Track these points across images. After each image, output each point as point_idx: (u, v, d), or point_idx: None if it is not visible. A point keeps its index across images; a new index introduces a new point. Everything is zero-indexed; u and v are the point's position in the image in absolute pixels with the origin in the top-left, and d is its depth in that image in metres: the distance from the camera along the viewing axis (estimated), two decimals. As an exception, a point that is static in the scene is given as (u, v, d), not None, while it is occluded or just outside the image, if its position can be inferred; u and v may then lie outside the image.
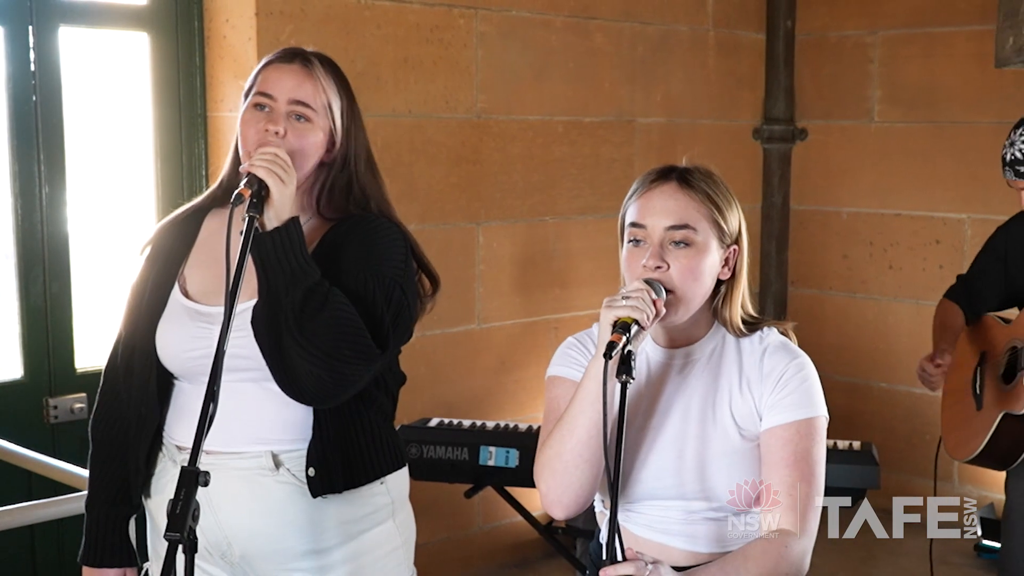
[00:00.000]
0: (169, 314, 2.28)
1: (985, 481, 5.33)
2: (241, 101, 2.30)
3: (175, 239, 2.36)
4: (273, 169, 2.08)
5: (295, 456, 2.22)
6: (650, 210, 2.11)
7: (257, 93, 2.25)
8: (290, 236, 2.10)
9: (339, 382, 2.12)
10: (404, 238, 2.30)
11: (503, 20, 4.87)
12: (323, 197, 2.31)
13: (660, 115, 5.53)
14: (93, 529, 2.36)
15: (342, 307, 2.11)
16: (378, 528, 2.31)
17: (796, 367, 2.11)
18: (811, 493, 2.04)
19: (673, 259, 2.07)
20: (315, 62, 2.27)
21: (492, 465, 3.70)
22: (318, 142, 2.25)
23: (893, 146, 5.71)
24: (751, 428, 2.10)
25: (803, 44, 5.96)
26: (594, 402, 2.00)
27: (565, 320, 5.24)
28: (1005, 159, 3.34)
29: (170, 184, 4.33)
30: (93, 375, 4.18)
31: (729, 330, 2.18)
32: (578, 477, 2.04)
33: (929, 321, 5.48)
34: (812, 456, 2.06)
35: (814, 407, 2.09)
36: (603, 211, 5.33)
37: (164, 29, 4.27)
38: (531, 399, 5.13)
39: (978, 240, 5.39)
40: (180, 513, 1.80)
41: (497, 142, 4.91)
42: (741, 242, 2.17)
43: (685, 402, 2.14)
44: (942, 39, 5.53)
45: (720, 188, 2.15)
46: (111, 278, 4.34)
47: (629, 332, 1.95)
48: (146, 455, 2.29)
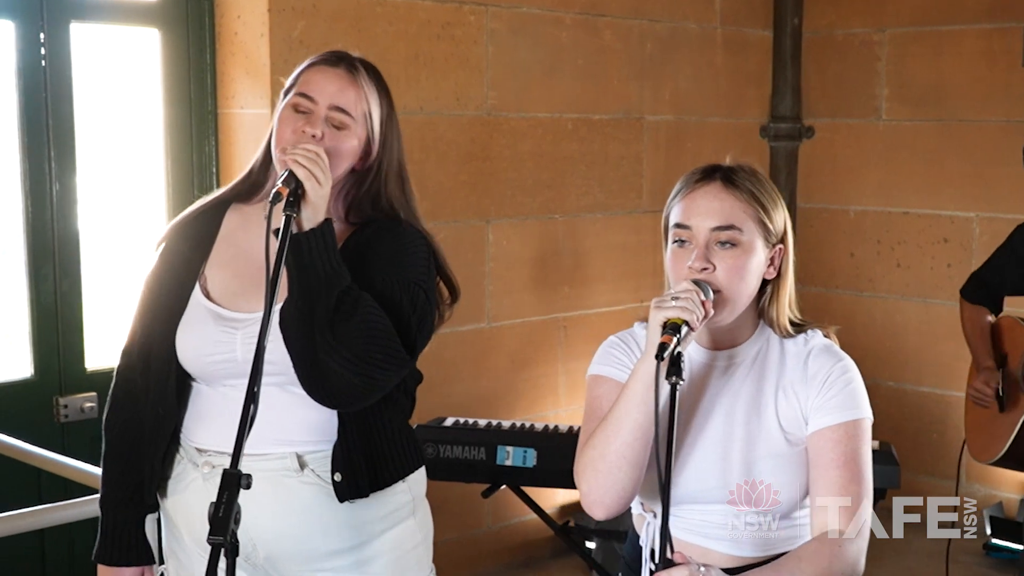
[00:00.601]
0: (190, 316, 2.24)
1: (994, 480, 5.33)
2: (280, 98, 2.27)
3: (195, 235, 2.32)
4: (312, 169, 2.06)
5: (320, 457, 2.20)
6: (695, 210, 2.08)
7: (298, 94, 2.21)
8: (324, 238, 2.08)
9: (368, 386, 2.10)
10: (427, 245, 2.28)
11: (513, 16, 4.85)
12: (352, 203, 2.28)
13: (668, 113, 5.51)
14: (108, 528, 2.33)
15: (372, 311, 2.09)
16: (400, 526, 2.29)
17: (841, 369, 2.10)
18: (862, 493, 2.03)
19: (719, 260, 2.05)
20: (360, 69, 2.24)
21: (510, 465, 3.68)
22: (353, 148, 2.22)
23: (901, 144, 5.70)
24: (796, 431, 2.08)
25: (810, 42, 5.95)
26: (640, 403, 1.98)
27: (575, 318, 5.22)
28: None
29: (180, 181, 4.30)
30: (104, 374, 4.16)
31: (775, 331, 2.16)
32: (621, 478, 2.02)
33: (937, 320, 5.54)
34: (861, 457, 2.05)
35: (860, 409, 2.08)
36: (612, 209, 5.32)
37: (175, 25, 4.24)
38: (542, 397, 5.12)
39: (986, 238, 5.40)
40: (223, 516, 1.77)
41: (507, 139, 4.89)
42: (787, 241, 2.15)
43: (729, 404, 2.12)
44: (950, 37, 5.52)
45: (765, 187, 2.13)
46: (121, 276, 4.31)
47: (679, 333, 1.93)
48: (162, 456, 2.26)
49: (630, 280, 5.44)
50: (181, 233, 2.33)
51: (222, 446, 2.20)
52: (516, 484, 3.85)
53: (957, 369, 5.34)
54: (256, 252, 2.25)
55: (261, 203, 2.31)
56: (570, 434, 3.77)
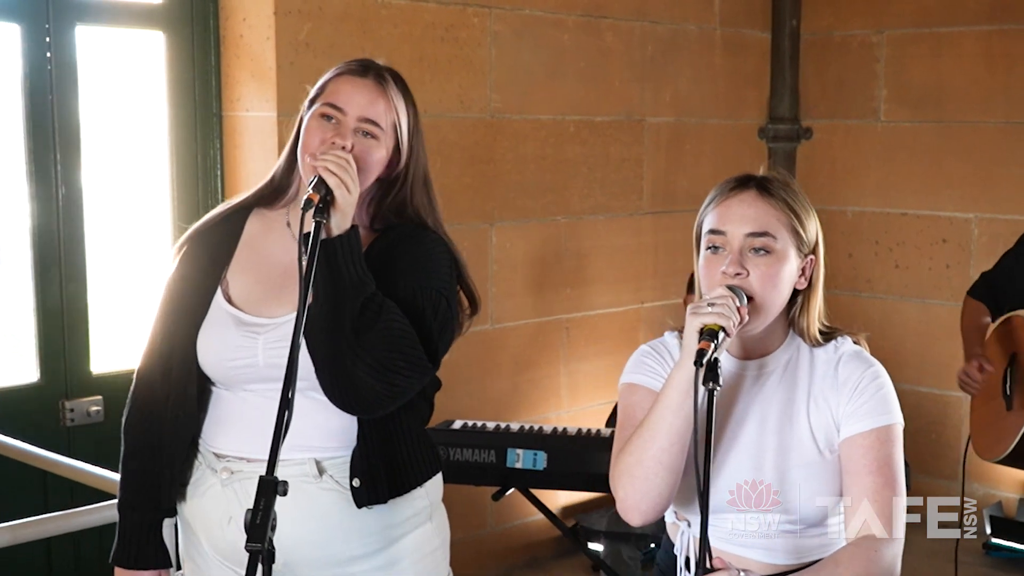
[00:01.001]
0: (212, 320, 2.24)
1: (993, 479, 5.36)
2: (305, 106, 2.27)
3: (216, 240, 2.32)
4: (342, 176, 2.06)
5: (338, 463, 2.21)
6: (729, 217, 2.10)
7: (327, 104, 2.21)
8: (351, 244, 2.08)
9: (391, 393, 2.11)
10: (451, 253, 2.28)
11: (516, 19, 4.85)
12: (377, 211, 2.28)
13: (669, 114, 5.53)
14: (126, 530, 2.32)
15: (396, 318, 2.09)
16: (418, 531, 2.30)
17: (871, 375, 2.12)
18: (896, 498, 2.04)
19: (753, 266, 2.07)
20: (389, 79, 2.24)
21: (520, 467, 3.68)
22: (381, 159, 2.22)
23: (899, 145, 5.73)
24: (829, 439, 2.10)
25: (808, 43, 5.97)
26: (677, 410, 2.00)
27: (577, 320, 5.23)
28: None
29: (185, 184, 4.29)
30: (110, 378, 4.16)
31: (805, 340, 2.17)
32: (657, 484, 2.04)
33: (935, 320, 5.57)
34: (894, 462, 2.07)
35: (891, 414, 2.10)
36: (613, 211, 5.33)
37: (179, 28, 4.23)
38: (545, 399, 5.13)
39: (985, 239, 5.43)
40: (260, 523, 1.77)
41: (510, 142, 4.89)
42: (818, 251, 2.16)
43: (761, 413, 2.13)
44: (949, 39, 5.55)
45: (798, 197, 2.14)
46: (127, 279, 4.31)
47: (717, 339, 1.94)
48: (181, 461, 2.26)
49: (631, 282, 5.45)
50: (202, 238, 2.33)
51: (241, 451, 2.20)
52: (526, 486, 3.86)
53: (956, 369, 5.37)
54: (278, 257, 2.26)
55: (283, 209, 2.32)
56: (579, 436, 3.77)
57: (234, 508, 2.18)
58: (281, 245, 2.28)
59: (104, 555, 4.05)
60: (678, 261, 4.99)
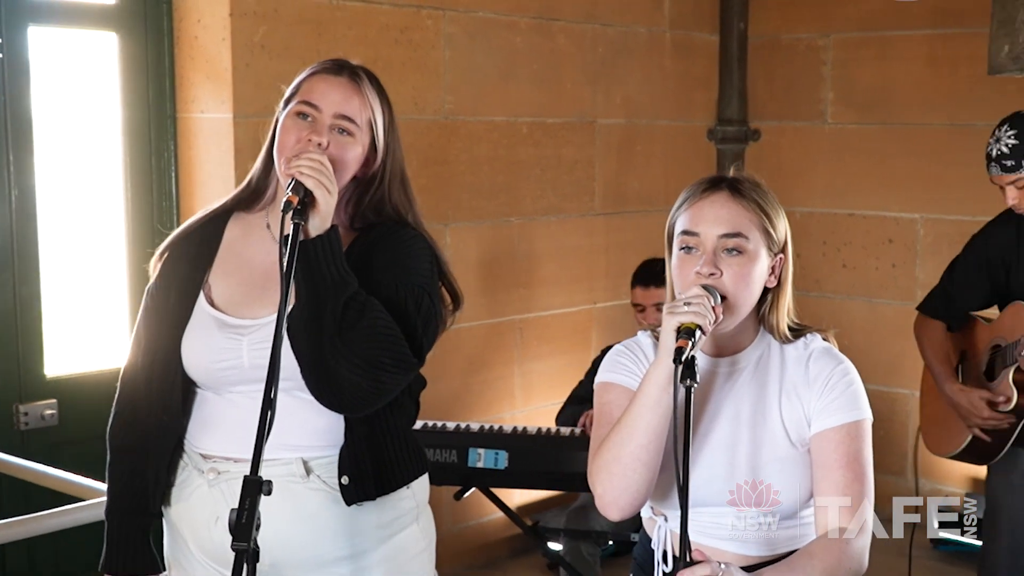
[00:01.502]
0: (196, 324, 2.26)
1: (939, 475, 5.46)
2: (280, 106, 2.28)
3: (198, 244, 2.33)
4: (319, 178, 2.08)
5: (325, 463, 2.22)
6: (702, 218, 2.13)
7: (302, 102, 2.22)
8: (331, 244, 2.10)
9: (377, 390, 2.12)
10: (431, 249, 2.30)
11: (470, 21, 4.87)
12: (357, 208, 2.30)
13: (620, 116, 5.57)
14: (114, 537, 2.32)
15: (380, 316, 2.11)
16: (404, 532, 2.31)
17: (841, 372, 2.17)
18: (865, 492, 2.10)
19: (726, 266, 2.11)
20: (363, 77, 2.26)
21: (481, 467, 3.71)
22: (357, 157, 2.24)
23: (846, 147, 5.82)
24: (800, 433, 2.14)
25: (756, 46, 6.04)
26: (654, 407, 2.03)
27: (530, 320, 5.26)
28: (991, 155, 3.42)
29: (139, 186, 4.27)
30: (64, 381, 4.13)
31: (776, 337, 2.22)
32: (636, 480, 2.07)
33: (882, 319, 5.66)
34: (863, 457, 2.12)
35: (861, 410, 2.14)
36: (565, 212, 5.37)
37: (133, 29, 4.21)
38: (498, 400, 5.15)
39: (931, 239, 5.53)
40: (245, 523, 1.79)
41: (464, 143, 4.91)
42: (787, 250, 2.21)
43: (734, 409, 2.17)
44: (894, 43, 5.64)
45: (768, 197, 2.18)
46: (81, 282, 4.27)
47: (694, 337, 1.97)
48: (167, 464, 2.27)
49: (583, 282, 5.49)
50: (183, 244, 2.35)
51: (227, 452, 2.22)
52: (487, 486, 3.88)
53: (902, 367, 5.47)
54: (259, 260, 2.27)
55: (262, 211, 2.33)
56: (540, 436, 3.80)
57: (221, 508, 2.18)
58: (262, 247, 2.29)
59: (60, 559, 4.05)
60: (629, 262, 5.02)
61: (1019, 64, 3.70)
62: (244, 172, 4.11)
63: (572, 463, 3.70)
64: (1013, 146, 3.36)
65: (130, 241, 4.27)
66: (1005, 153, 3.37)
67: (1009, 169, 3.39)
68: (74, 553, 4.07)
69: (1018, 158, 3.36)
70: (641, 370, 2.20)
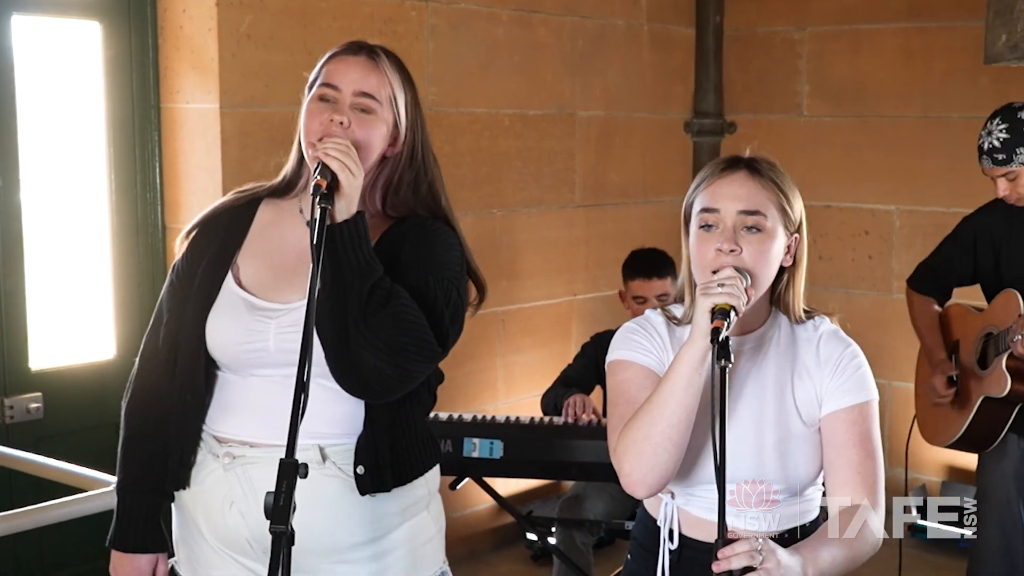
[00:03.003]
0: (223, 304, 2.24)
1: (916, 464, 5.51)
2: (304, 94, 2.26)
3: (227, 225, 2.31)
4: (344, 160, 2.06)
5: (341, 450, 2.20)
6: (722, 195, 2.14)
7: (322, 84, 2.21)
8: (358, 229, 2.08)
9: (401, 377, 2.11)
10: (461, 244, 2.30)
11: (453, 12, 4.87)
12: (389, 193, 2.28)
13: (599, 108, 5.59)
14: (125, 514, 2.30)
15: (405, 303, 2.10)
16: (415, 519, 2.30)
17: (851, 354, 2.21)
18: (877, 468, 2.15)
19: (745, 243, 2.12)
20: (381, 55, 2.25)
21: (476, 456, 3.70)
22: (382, 135, 2.22)
23: (821, 139, 5.87)
24: (810, 413, 2.18)
25: (732, 39, 6.08)
26: (687, 387, 2.05)
27: (512, 312, 5.27)
28: (982, 148, 3.46)
29: (124, 176, 4.23)
30: (49, 374, 4.10)
31: (790, 317, 2.24)
32: (665, 459, 2.09)
33: (859, 310, 5.70)
34: (873, 436, 2.16)
35: (870, 391, 2.19)
36: (547, 203, 5.38)
37: (117, 18, 4.17)
38: (481, 391, 5.15)
39: (907, 231, 5.59)
40: (283, 506, 1.77)
41: (447, 134, 4.90)
42: (802, 231, 2.23)
43: (759, 386, 2.19)
44: (869, 36, 5.70)
45: (785, 178, 2.20)
46: (66, 274, 4.23)
47: (728, 318, 1.99)
48: (192, 446, 2.25)
49: (563, 274, 5.51)
50: (211, 225, 2.33)
51: (244, 436, 2.20)
52: (481, 475, 3.88)
53: (880, 358, 5.49)
54: (290, 244, 2.26)
55: (295, 197, 2.31)
56: (533, 425, 3.80)
57: (235, 493, 2.17)
58: (293, 231, 2.27)
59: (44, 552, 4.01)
60: (608, 254, 5.05)
61: (1016, 53, 3.74)
62: (231, 162, 4.15)
63: (567, 453, 3.71)
64: (1004, 140, 3.41)
65: (115, 233, 4.23)
66: (996, 147, 3.42)
67: (1000, 162, 3.43)
68: (61, 545, 4.04)
69: (1009, 151, 3.41)
70: (655, 347, 2.22)
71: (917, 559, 4.98)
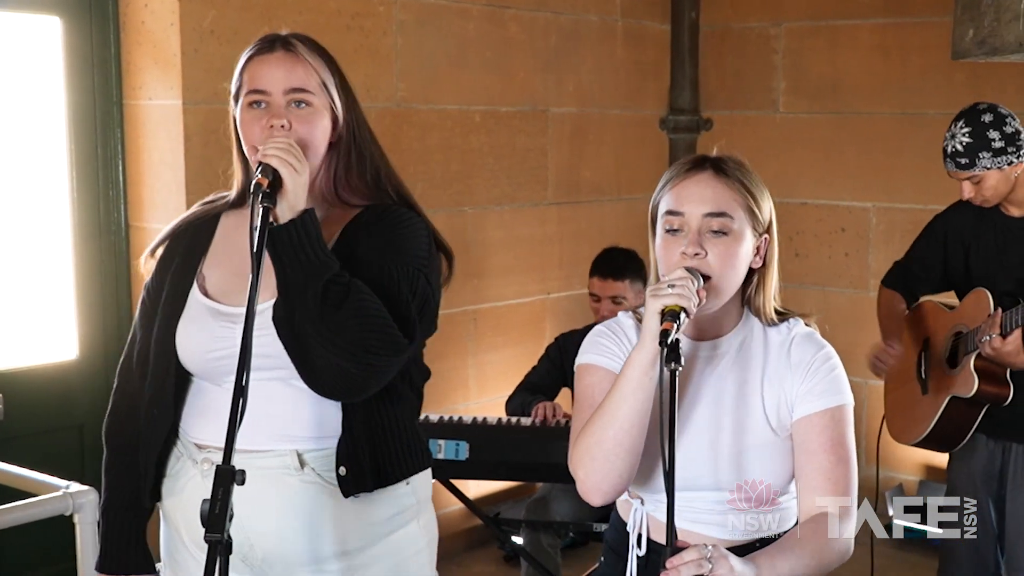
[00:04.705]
0: (190, 314, 2.20)
1: (893, 463, 5.47)
2: (231, 102, 2.20)
3: (192, 239, 2.28)
4: (286, 158, 2.01)
5: (321, 456, 2.14)
6: (687, 198, 2.09)
7: (249, 92, 2.15)
8: (306, 228, 2.02)
9: (367, 374, 2.04)
10: (426, 226, 2.23)
11: (421, 8, 4.81)
12: (339, 179, 2.22)
13: (572, 105, 5.53)
14: (110, 535, 2.28)
15: (365, 298, 2.03)
16: (403, 530, 2.22)
17: (824, 357, 2.14)
18: (849, 476, 2.08)
19: (711, 246, 2.07)
20: (296, 44, 2.17)
21: (442, 458, 3.64)
22: (324, 125, 2.16)
23: (797, 136, 5.82)
24: (781, 418, 2.12)
25: (707, 35, 6.03)
26: (636, 391, 2.00)
27: (484, 310, 5.21)
28: (946, 151, 3.42)
29: (85, 175, 4.16)
30: (8, 375, 4.04)
31: (761, 320, 2.19)
32: (618, 465, 2.04)
33: (835, 308, 5.67)
34: (846, 441, 2.09)
35: (843, 395, 2.12)
36: (519, 201, 5.32)
37: (77, 13, 4.10)
38: (452, 390, 5.09)
39: (883, 228, 5.55)
40: (219, 513, 1.72)
41: (416, 131, 4.85)
42: (772, 231, 2.17)
43: (716, 393, 2.14)
44: (845, 31, 5.65)
45: (753, 177, 2.15)
46: (26, 274, 4.16)
47: (678, 320, 1.93)
48: (157, 457, 2.22)
49: (536, 272, 5.45)
50: (176, 239, 2.30)
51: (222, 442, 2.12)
52: (447, 477, 3.82)
53: (855, 355, 5.41)
54: None
55: None
56: (500, 426, 3.75)
57: None
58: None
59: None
60: (582, 252, 4.98)
61: (983, 48, 3.69)
62: (194, 159, 4.09)
63: (533, 454, 3.65)
64: (967, 144, 3.37)
65: (77, 231, 4.16)
66: (959, 151, 3.38)
67: (963, 167, 3.39)
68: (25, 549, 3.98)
69: (971, 156, 3.37)
70: (624, 352, 2.16)
71: (890, 557, 4.94)
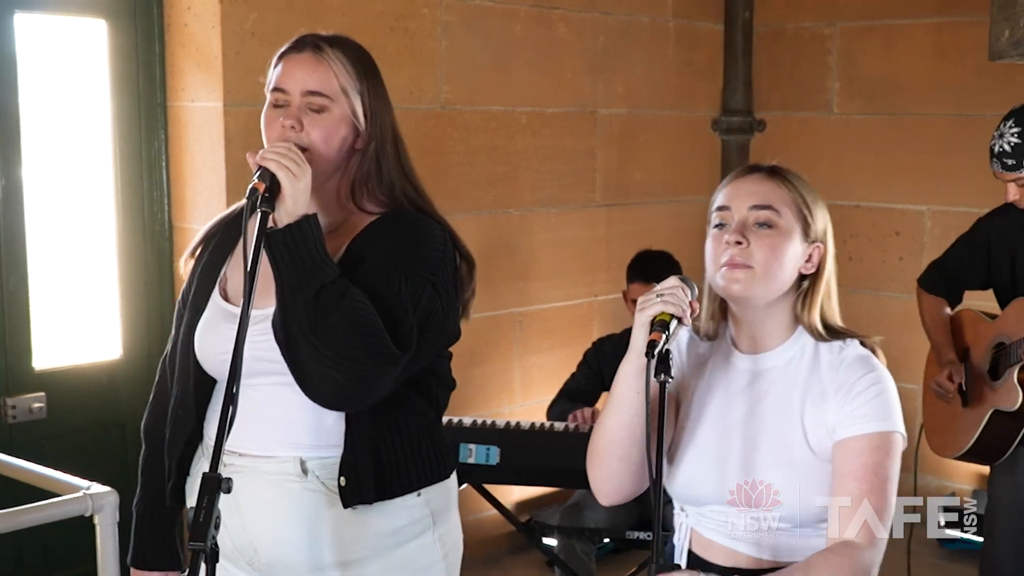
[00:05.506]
0: (208, 317, 2.22)
1: (946, 471, 5.37)
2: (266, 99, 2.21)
3: (220, 240, 2.30)
4: (283, 162, 1.99)
5: (325, 464, 2.12)
6: (736, 193, 2.08)
7: (273, 90, 2.15)
8: (303, 232, 2.00)
9: (355, 385, 2.00)
10: (443, 233, 2.18)
11: (467, 9, 4.80)
12: (357, 188, 2.18)
13: (621, 106, 5.49)
14: (142, 531, 2.32)
15: (358, 305, 1.99)
16: (415, 542, 2.18)
17: (871, 380, 2.03)
18: (880, 507, 1.96)
19: (755, 238, 2.03)
20: (326, 47, 2.15)
21: (472, 463, 3.61)
22: (339, 131, 2.13)
23: (851, 138, 5.73)
24: (820, 441, 2.03)
25: (761, 35, 5.96)
26: (621, 404, 2.00)
27: (530, 313, 5.19)
28: (993, 151, 3.33)
29: (129, 176, 4.21)
30: (52, 374, 4.08)
31: (811, 334, 2.11)
32: (616, 470, 2.06)
33: (888, 312, 5.57)
34: (885, 470, 1.98)
35: (888, 421, 2.01)
36: (566, 203, 5.29)
37: (122, 16, 4.15)
38: (497, 393, 5.08)
39: (938, 231, 5.44)
40: (203, 522, 1.71)
41: (461, 133, 4.84)
42: (827, 242, 2.12)
43: (758, 410, 2.08)
44: (900, 31, 5.55)
45: (808, 187, 2.11)
46: (70, 274, 4.21)
47: (668, 329, 1.89)
48: (179, 458, 2.24)
49: (585, 275, 5.42)
50: (207, 241, 2.33)
51: (233, 446, 2.12)
52: (479, 482, 3.80)
53: (908, 361, 5.35)
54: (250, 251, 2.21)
55: None
56: (532, 431, 3.72)
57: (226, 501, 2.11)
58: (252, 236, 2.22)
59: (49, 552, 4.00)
60: (631, 254, 4.94)
61: (1020, 49, 3.61)
62: (235, 160, 4.11)
63: (565, 459, 3.59)
64: (1015, 145, 3.28)
65: (120, 231, 4.21)
66: (1007, 151, 3.29)
67: (1010, 168, 3.31)
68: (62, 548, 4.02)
69: (1019, 157, 3.29)
70: None
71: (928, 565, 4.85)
